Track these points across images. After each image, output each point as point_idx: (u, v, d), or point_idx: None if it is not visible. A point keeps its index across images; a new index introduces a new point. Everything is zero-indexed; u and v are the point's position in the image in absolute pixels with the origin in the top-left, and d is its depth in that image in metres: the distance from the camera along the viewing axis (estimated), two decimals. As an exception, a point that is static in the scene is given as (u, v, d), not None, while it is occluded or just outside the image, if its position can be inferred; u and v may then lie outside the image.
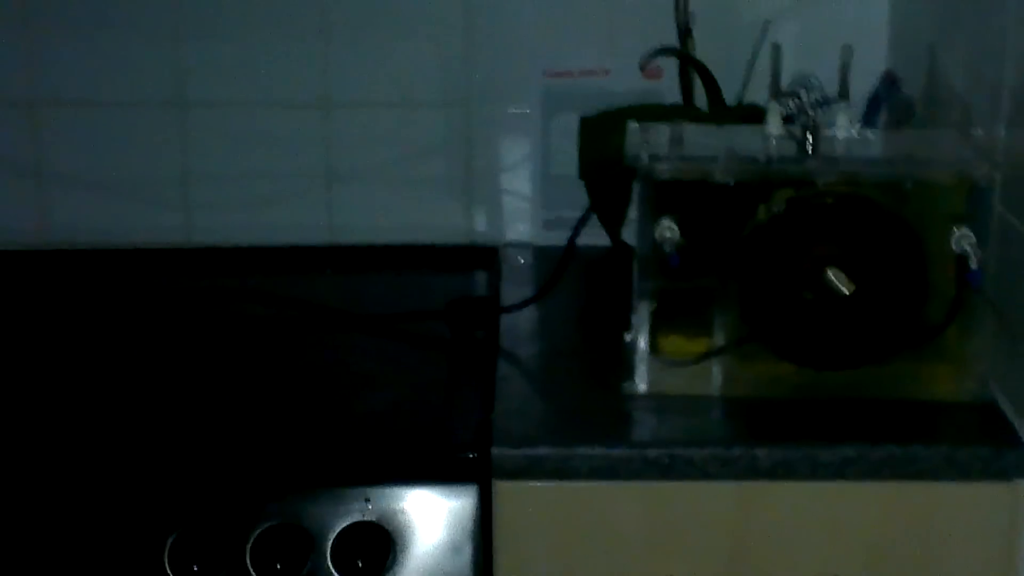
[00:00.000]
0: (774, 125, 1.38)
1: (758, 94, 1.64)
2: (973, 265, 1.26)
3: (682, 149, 1.35)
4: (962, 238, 1.26)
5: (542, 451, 1.23)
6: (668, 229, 1.27)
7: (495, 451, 1.23)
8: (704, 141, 1.39)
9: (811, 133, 1.33)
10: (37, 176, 1.81)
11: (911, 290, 1.32)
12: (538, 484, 1.25)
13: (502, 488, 1.25)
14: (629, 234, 1.59)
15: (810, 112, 1.40)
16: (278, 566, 1.24)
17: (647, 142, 1.35)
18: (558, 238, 1.66)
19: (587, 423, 1.30)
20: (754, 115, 1.59)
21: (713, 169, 1.30)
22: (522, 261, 1.80)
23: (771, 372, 1.34)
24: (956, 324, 1.32)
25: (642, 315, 1.33)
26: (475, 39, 1.76)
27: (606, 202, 1.66)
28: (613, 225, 1.68)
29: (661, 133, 1.40)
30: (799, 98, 1.44)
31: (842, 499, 1.26)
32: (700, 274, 1.33)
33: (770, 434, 1.27)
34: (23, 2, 1.75)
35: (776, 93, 1.43)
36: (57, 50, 1.76)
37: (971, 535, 1.28)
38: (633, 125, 1.43)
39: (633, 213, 1.52)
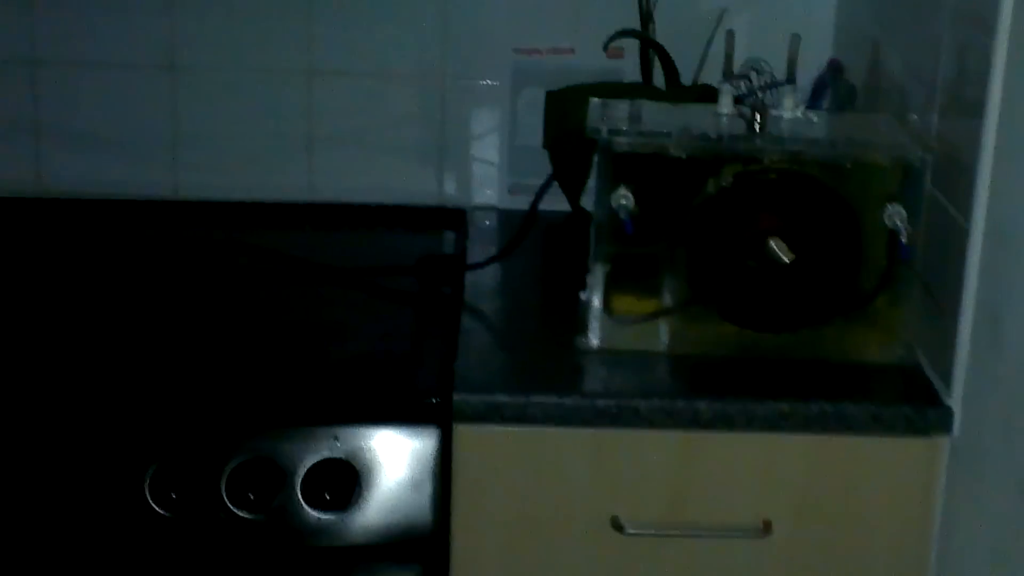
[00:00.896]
0: (725, 105, 1.37)
1: (712, 76, 1.62)
2: (904, 239, 1.28)
3: (639, 124, 1.35)
4: (894, 215, 1.28)
5: (500, 398, 1.24)
6: (623, 197, 1.28)
7: (457, 397, 1.24)
8: (660, 118, 1.39)
9: (759, 113, 1.32)
10: (36, 132, 1.80)
11: (846, 261, 1.32)
12: (495, 428, 1.26)
13: (462, 431, 1.26)
14: (588, 201, 1.57)
15: (759, 94, 1.40)
16: (251, 496, 1.23)
17: (607, 117, 1.35)
18: (522, 203, 1.64)
19: (543, 374, 1.32)
20: (708, 95, 1.58)
21: (667, 144, 1.30)
22: (488, 223, 1.80)
23: (714, 332, 1.35)
24: (886, 293, 1.34)
25: (597, 277, 1.33)
26: (449, 17, 1.74)
27: (568, 171, 1.63)
28: (573, 192, 1.65)
29: (620, 109, 1.40)
30: (749, 80, 1.44)
31: (776, 450, 1.28)
32: (652, 240, 1.33)
33: (711, 389, 1.28)
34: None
35: (728, 75, 1.42)
36: (58, 14, 1.74)
37: (893, 485, 1.31)
38: (595, 100, 1.42)
39: (592, 182, 1.51)
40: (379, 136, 1.80)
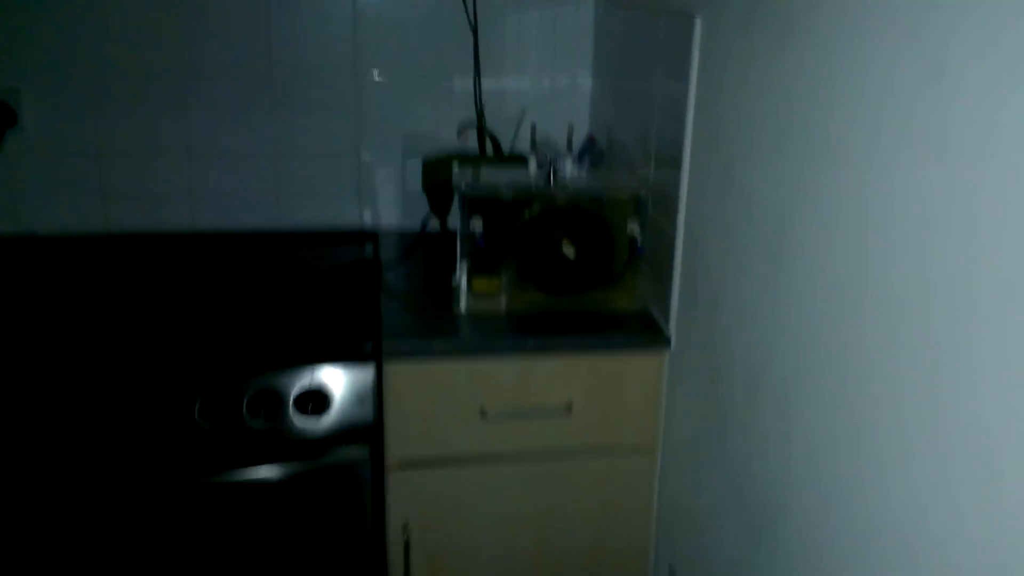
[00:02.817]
0: (532, 167, 1.57)
1: (520, 148, 1.84)
2: (639, 242, 1.50)
3: (482, 180, 1.52)
4: (633, 228, 1.50)
5: (411, 343, 1.41)
6: (476, 224, 1.48)
7: (385, 343, 1.40)
8: (495, 176, 1.56)
9: (552, 172, 1.53)
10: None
11: (605, 255, 1.52)
12: (409, 363, 1.42)
13: (389, 365, 1.42)
14: (451, 223, 1.75)
15: (551, 161, 1.54)
16: (263, 413, 1.39)
17: (464, 176, 1.53)
18: (412, 226, 1.88)
19: (436, 328, 1.47)
20: (518, 160, 1.77)
21: (500, 191, 1.49)
22: (391, 239, 1.87)
23: (533, 298, 1.53)
24: (629, 273, 1.53)
25: (462, 270, 1.50)
26: (363, 116, 1.87)
27: (437, 206, 1.82)
28: (442, 218, 1.83)
29: (469, 171, 1.58)
30: (543, 152, 1.60)
31: (573, 365, 1.46)
32: (494, 248, 1.50)
33: (534, 331, 1.46)
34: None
35: (532, 149, 1.62)
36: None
37: (639, 381, 1.50)
38: (455, 166, 1.61)
39: (455, 213, 1.66)
40: (324, 187, 1.91)
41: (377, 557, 1.52)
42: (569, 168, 1.57)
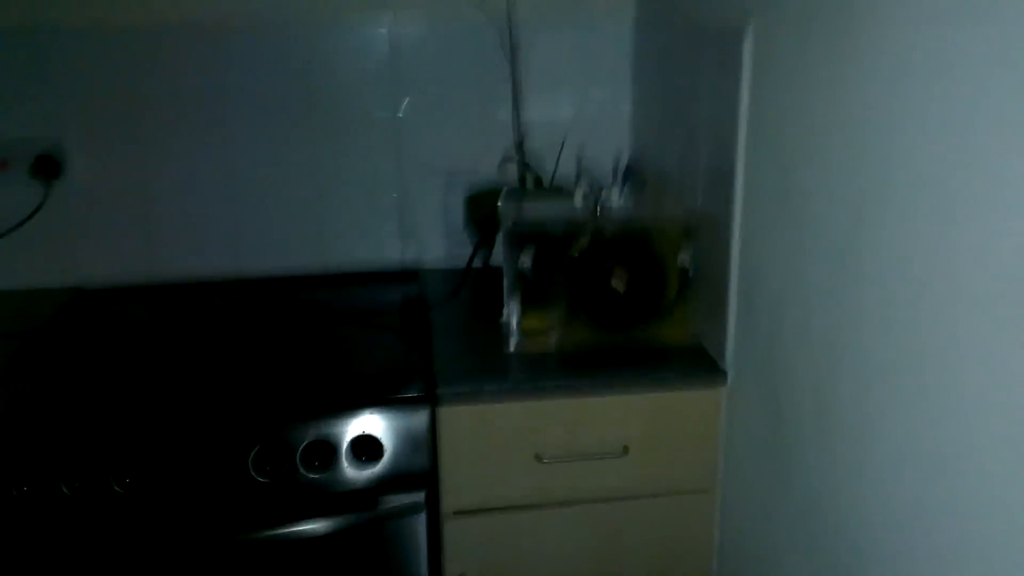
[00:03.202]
0: (578, 198, 1.54)
1: (563, 177, 1.79)
2: (691, 274, 1.47)
3: (525, 212, 1.50)
4: (683, 258, 1.47)
5: (463, 387, 1.38)
6: (525, 259, 1.45)
7: (439, 389, 1.38)
8: (540, 208, 1.54)
9: (598, 203, 1.51)
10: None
11: (657, 287, 1.49)
12: (462, 406, 1.39)
13: (442, 409, 1.39)
14: (496, 259, 1.71)
15: (597, 189, 1.52)
16: (316, 464, 1.36)
17: (509, 209, 1.50)
18: (455, 263, 1.87)
19: (487, 368, 1.44)
20: (559, 191, 1.73)
21: (547, 224, 1.46)
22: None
23: (584, 334, 1.49)
24: (680, 304, 1.49)
25: (512, 307, 1.48)
26: (404, 154, 1.86)
27: (483, 241, 1.76)
28: (488, 253, 1.77)
29: (514, 205, 1.54)
30: (587, 182, 1.57)
31: (628, 402, 1.42)
32: (543, 282, 1.47)
33: (586, 368, 1.42)
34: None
35: (578, 182, 1.60)
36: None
37: (697, 419, 1.46)
38: (502, 202, 1.54)
39: (499, 249, 1.65)
40: (368, 227, 1.90)
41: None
42: (615, 198, 1.54)
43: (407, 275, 1.91)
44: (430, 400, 1.39)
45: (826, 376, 1.09)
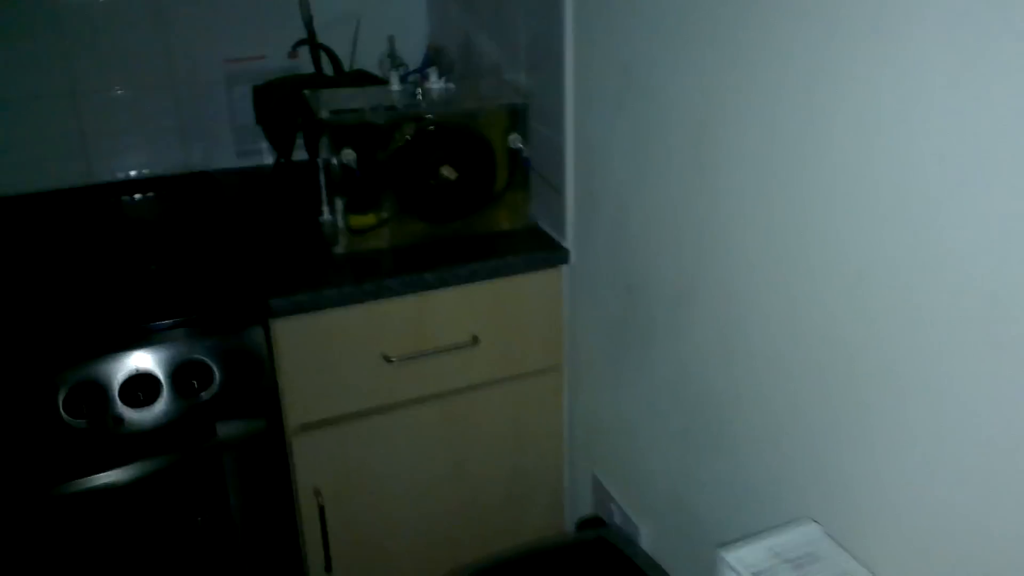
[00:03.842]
0: (395, 84, 1.45)
1: (362, 63, 1.70)
2: (525, 154, 1.44)
3: (343, 104, 1.38)
4: (515, 140, 1.43)
5: (301, 297, 1.28)
6: (349, 155, 1.35)
7: (272, 301, 1.27)
8: (356, 98, 1.43)
9: (420, 87, 1.43)
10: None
11: (488, 174, 1.45)
12: (299, 318, 1.29)
13: (277, 323, 1.29)
14: (297, 155, 1.64)
15: (417, 75, 1.44)
16: (140, 398, 1.23)
17: (323, 102, 1.38)
18: (246, 163, 1.75)
19: (320, 275, 1.33)
20: (362, 77, 1.65)
21: (371, 115, 1.36)
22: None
23: (416, 229, 1.43)
24: (514, 188, 1.47)
25: (338, 207, 1.38)
26: (172, 42, 1.67)
27: (278, 137, 1.65)
28: (284, 150, 1.65)
29: (327, 95, 1.43)
30: (404, 67, 1.50)
31: (472, 293, 1.39)
32: (369, 178, 1.38)
33: (427, 264, 1.36)
34: None
35: (392, 64, 1.52)
36: None
37: (542, 302, 1.46)
38: (308, 91, 1.44)
39: (300, 142, 1.59)
40: (149, 126, 1.70)
41: (290, 529, 1.42)
42: (436, 83, 1.45)
43: (198, 179, 1.73)
44: (263, 313, 1.29)
45: (686, 266, 1.11)
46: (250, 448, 1.33)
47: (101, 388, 1.22)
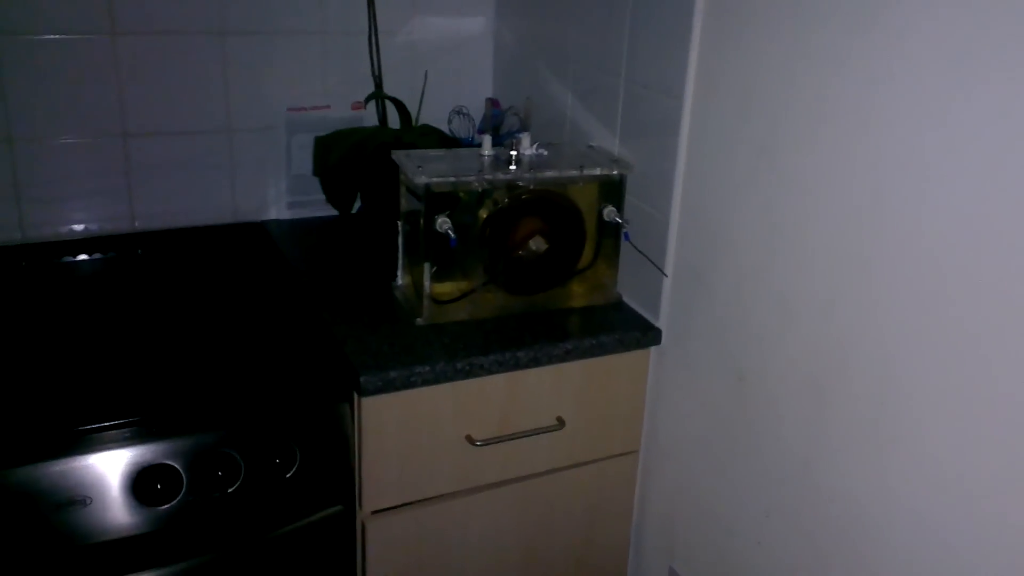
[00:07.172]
0: (487, 148, 1.35)
1: (427, 118, 1.62)
2: (624, 228, 1.36)
3: (437, 168, 1.28)
4: (611, 212, 1.35)
5: (392, 373, 1.18)
6: (446, 222, 1.26)
7: (362, 378, 1.17)
8: (447, 161, 1.32)
9: (512, 152, 1.31)
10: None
11: (577, 246, 1.37)
12: (385, 396, 1.20)
13: (368, 402, 1.20)
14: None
15: (512, 141, 1.33)
16: (220, 476, 1.14)
17: (415, 164, 1.28)
18: (299, 215, 1.65)
19: (407, 349, 1.24)
20: (429, 131, 1.57)
21: (473, 183, 1.27)
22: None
23: (496, 300, 1.35)
24: (603, 262, 1.40)
25: (427, 275, 1.29)
26: (234, 90, 1.56)
27: (338, 193, 1.57)
28: (343, 205, 1.57)
29: (418, 157, 1.32)
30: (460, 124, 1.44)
31: (563, 375, 1.32)
32: (462, 248, 1.29)
33: (516, 340, 1.28)
34: None
35: (485, 129, 1.46)
36: None
37: (628, 383, 1.39)
38: (399, 153, 1.33)
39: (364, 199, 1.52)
40: (200, 173, 1.59)
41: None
42: (528, 149, 1.36)
43: (248, 230, 1.62)
44: (352, 391, 1.20)
45: (823, 356, 1.05)
46: (324, 535, 1.24)
47: (176, 472, 1.11)
